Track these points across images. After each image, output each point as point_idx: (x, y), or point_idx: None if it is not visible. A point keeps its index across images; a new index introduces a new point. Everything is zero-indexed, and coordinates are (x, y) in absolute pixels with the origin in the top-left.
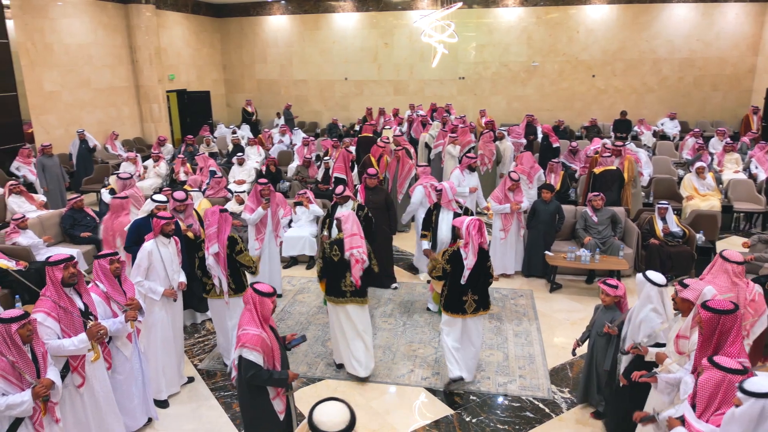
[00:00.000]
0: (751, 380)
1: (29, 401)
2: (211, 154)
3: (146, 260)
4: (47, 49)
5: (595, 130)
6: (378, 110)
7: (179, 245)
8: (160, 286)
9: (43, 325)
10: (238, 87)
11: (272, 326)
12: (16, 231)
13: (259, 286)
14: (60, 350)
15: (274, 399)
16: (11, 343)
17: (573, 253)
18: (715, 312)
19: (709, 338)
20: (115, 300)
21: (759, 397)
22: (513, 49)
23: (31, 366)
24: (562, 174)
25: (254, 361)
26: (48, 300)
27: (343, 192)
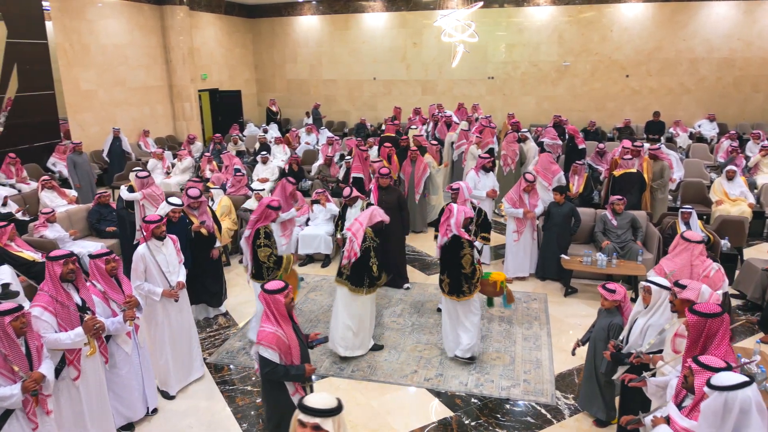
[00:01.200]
0: (716, 375)
1: (18, 395)
2: (239, 153)
3: (141, 263)
4: (84, 50)
5: (628, 132)
6: (413, 110)
7: (177, 243)
8: (159, 287)
9: (40, 319)
10: (269, 86)
11: (294, 321)
12: (44, 225)
13: (268, 285)
14: (56, 344)
15: (294, 395)
16: (4, 336)
17: (589, 257)
18: (702, 315)
19: (695, 341)
20: (113, 299)
21: (721, 390)
22: (543, 48)
23: (23, 359)
24: (585, 176)
25: (269, 358)
26: (45, 294)
27: (350, 194)
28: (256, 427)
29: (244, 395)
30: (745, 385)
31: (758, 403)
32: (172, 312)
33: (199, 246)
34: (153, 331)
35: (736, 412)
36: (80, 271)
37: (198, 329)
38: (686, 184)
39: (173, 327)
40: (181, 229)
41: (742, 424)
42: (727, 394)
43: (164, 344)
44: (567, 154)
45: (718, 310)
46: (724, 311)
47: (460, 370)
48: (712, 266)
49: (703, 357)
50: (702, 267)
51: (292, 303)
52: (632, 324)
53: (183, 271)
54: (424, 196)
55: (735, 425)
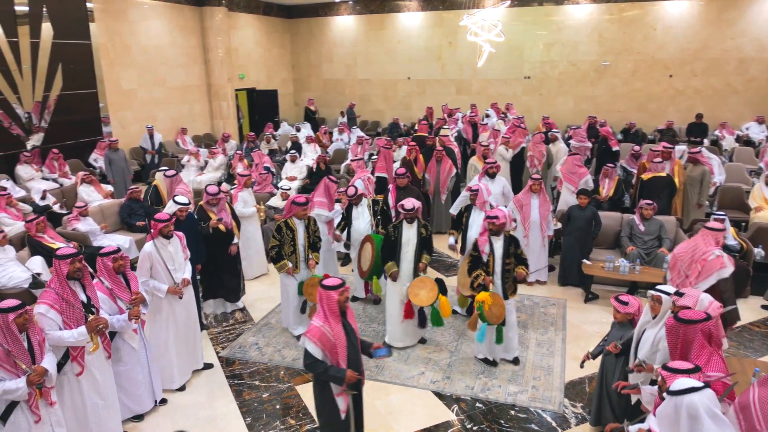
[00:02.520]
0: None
1: (24, 388)
2: (271, 151)
3: (147, 261)
4: (126, 50)
5: (670, 134)
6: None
7: (183, 240)
8: (164, 284)
9: (46, 316)
10: (305, 86)
11: (349, 323)
12: (77, 218)
13: (325, 281)
14: (60, 341)
15: (338, 396)
16: (7, 332)
17: (611, 262)
18: (678, 321)
19: (673, 347)
20: (120, 297)
21: (671, 395)
22: (582, 47)
23: (26, 354)
24: (617, 179)
25: (311, 352)
26: (52, 292)
27: (355, 194)
28: (259, 421)
29: (252, 389)
30: (693, 390)
31: (708, 409)
32: (177, 308)
33: (217, 242)
34: (157, 327)
35: (684, 417)
36: (87, 269)
37: (214, 323)
38: (724, 189)
39: (178, 323)
40: (189, 226)
41: (694, 429)
42: (676, 398)
43: (168, 340)
44: (599, 156)
45: (700, 317)
46: (705, 319)
47: (468, 373)
48: (713, 252)
49: (673, 362)
50: (704, 251)
51: (346, 302)
52: (640, 336)
53: (189, 268)
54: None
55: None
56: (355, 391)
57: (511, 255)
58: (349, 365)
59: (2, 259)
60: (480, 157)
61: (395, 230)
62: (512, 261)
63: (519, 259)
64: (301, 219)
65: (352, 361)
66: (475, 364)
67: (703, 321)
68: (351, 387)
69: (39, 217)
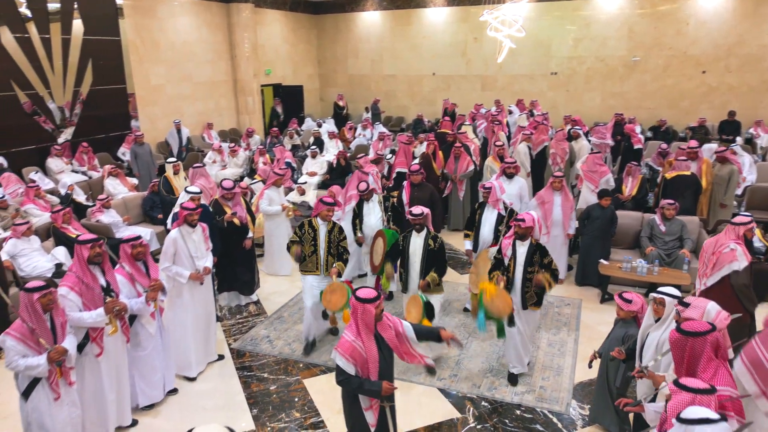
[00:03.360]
0: (688, 408)
1: (45, 364)
2: (294, 147)
3: (171, 247)
4: (155, 46)
5: (702, 132)
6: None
7: (206, 231)
8: (186, 270)
9: (66, 298)
10: (331, 82)
11: (380, 334)
12: (100, 210)
13: (360, 292)
14: (80, 322)
15: (367, 410)
16: (32, 311)
17: (629, 263)
18: (683, 334)
19: (679, 361)
20: (139, 281)
21: (681, 422)
22: (611, 42)
23: (48, 333)
24: (640, 178)
25: (343, 368)
26: (73, 276)
27: (366, 189)
28: (265, 413)
29: (260, 382)
30: (707, 422)
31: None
32: (197, 296)
33: (232, 236)
34: (177, 314)
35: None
36: (107, 255)
37: (228, 316)
38: (753, 189)
39: (197, 311)
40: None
41: None
42: (686, 427)
43: (186, 327)
44: (623, 154)
45: (705, 328)
46: (711, 330)
47: (476, 371)
48: (728, 245)
49: (685, 379)
50: (722, 243)
51: (381, 314)
52: (644, 339)
53: (210, 258)
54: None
55: None
56: (392, 403)
57: (534, 263)
58: (380, 378)
59: (27, 248)
60: (496, 158)
61: (404, 239)
62: (536, 270)
63: (547, 269)
64: (325, 220)
65: (384, 373)
66: (483, 362)
67: (709, 332)
68: (386, 399)
69: (65, 209)
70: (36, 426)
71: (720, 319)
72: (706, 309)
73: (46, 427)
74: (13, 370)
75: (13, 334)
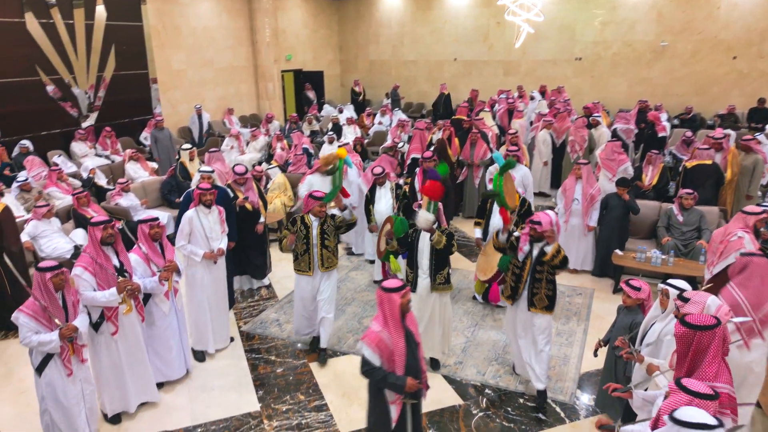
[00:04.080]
0: (683, 408)
1: (56, 341)
2: (313, 132)
3: (187, 226)
4: (176, 32)
5: (731, 119)
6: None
7: (223, 215)
8: (201, 249)
9: (81, 278)
10: (352, 67)
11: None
12: (119, 193)
13: (385, 283)
14: (93, 301)
15: (392, 403)
16: (45, 289)
17: (643, 253)
18: (690, 327)
19: (683, 356)
20: (154, 261)
21: (675, 423)
22: (639, 27)
23: (60, 311)
24: (661, 167)
25: (369, 358)
26: (87, 256)
27: (381, 173)
28: (270, 395)
29: (267, 364)
30: (704, 428)
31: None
32: (212, 275)
33: (244, 220)
34: (192, 292)
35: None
36: (119, 236)
37: (240, 299)
38: None
39: (208, 292)
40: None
41: None
42: (679, 429)
43: (203, 304)
44: (646, 142)
45: (712, 322)
46: (717, 324)
47: (481, 359)
48: (737, 233)
49: (687, 380)
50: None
51: (408, 305)
52: (647, 329)
53: (225, 240)
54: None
55: None
56: (415, 400)
57: (544, 264)
58: (407, 373)
59: (48, 230)
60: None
61: (414, 233)
62: (545, 269)
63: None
64: (318, 216)
65: (410, 369)
66: (489, 350)
67: (717, 326)
68: (409, 396)
69: (84, 192)
70: (50, 400)
71: (720, 314)
72: (706, 304)
73: (59, 401)
74: (27, 345)
75: (26, 312)
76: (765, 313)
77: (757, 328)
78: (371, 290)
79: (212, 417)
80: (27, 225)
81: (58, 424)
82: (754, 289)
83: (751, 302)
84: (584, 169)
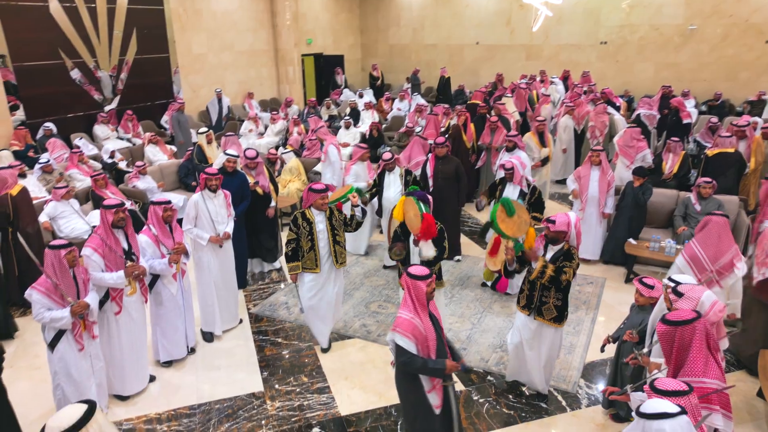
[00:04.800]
0: (648, 401)
1: (68, 317)
2: (331, 117)
3: (193, 209)
4: (197, 15)
5: (761, 106)
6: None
7: (229, 198)
8: (207, 233)
9: (90, 258)
10: (372, 51)
11: (433, 314)
12: (137, 176)
13: (411, 269)
14: (101, 281)
15: (430, 392)
16: (58, 267)
17: (657, 242)
18: (670, 324)
19: (668, 353)
20: (164, 243)
21: (640, 417)
22: (666, 10)
23: (72, 289)
24: (682, 154)
25: (405, 347)
26: (97, 238)
27: (391, 159)
28: (275, 376)
29: (273, 346)
30: (665, 417)
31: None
32: (219, 258)
33: (255, 204)
34: (200, 274)
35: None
36: (130, 219)
37: (251, 282)
38: None
39: (214, 274)
40: (239, 183)
41: None
42: (645, 422)
43: (210, 286)
44: (669, 129)
45: (691, 316)
46: (697, 317)
47: (485, 346)
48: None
49: (660, 381)
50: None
51: (432, 293)
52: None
53: (231, 224)
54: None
55: None
56: (452, 381)
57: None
58: (438, 356)
59: (66, 211)
60: (534, 133)
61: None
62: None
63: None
64: (321, 210)
65: (440, 353)
66: (494, 337)
67: (696, 320)
68: (449, 378)
69: (101, 174)
70: (62, 375)
71: (715, 310)
72: (700, 300)
73: (71, 376)
74: (40, 321)
75: (39, 289)
76: (721, 265)
77: (716, 279)
78: (379, 275)
79: (217, 396)
80: (46, 206)
81: (70, 399)
82: (712, 245)
83: (709, 256)
84: (602, 156)
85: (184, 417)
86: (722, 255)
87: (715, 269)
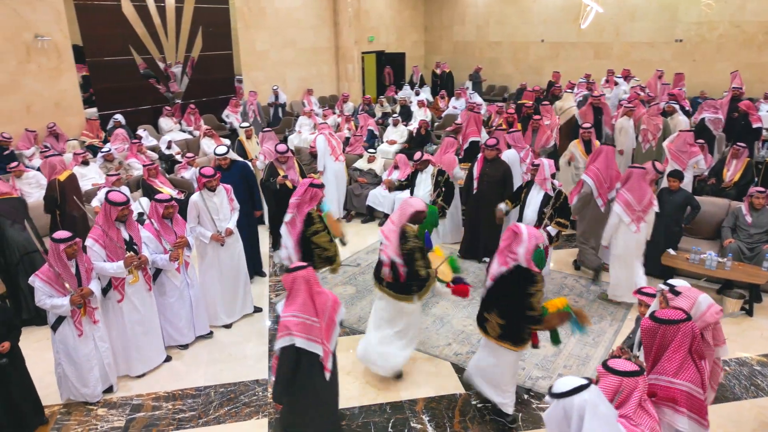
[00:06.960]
0: (557, 381)
1: (66, 305)
2: (385, 114)
3: (194, 209)
4: (261, 13)
5: None
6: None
7: (230, 192)
8: (209, 231)
9: (92, 249)
10: (436, 49)
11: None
12: (185, 167)
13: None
14: (103, 271)
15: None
16: (58, 258)
17: (697, 254)
18: (656, 321)
19: (648, 350)
20: (165, 238)
21: (558, 398)
22: (750, 5)
23: (73, 278)
24: (746, 162)
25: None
26: (99, 229)
27: (421, 158)
28: None
29: None
30: (581, 389)
31: (594, 406)
32: (222, 254)
33: (285, 197)
34: (204, 269)
35: (576, 419)
36: (132, 213)
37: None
38: None
39: (223, 267)
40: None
41: (579, 429)
42: (564, 401)
43: (214, 281)
44: (738, 134)
45: (680, 316)
46: (686, 319)
47: None
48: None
49: (613, 361)
50: None
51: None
52: None
53: (234, 219)
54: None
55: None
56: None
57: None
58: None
59: None
60: (580, 141)
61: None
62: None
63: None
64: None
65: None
66: None
67: (683, 321)
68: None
69: (153, 164)
70: (63, 355)
71: (711, 312)
72: (697, 300)
73: (71, 357)
74: (42, 307)
75: (41, 276)
76: (644, 204)
77: (641, 216)
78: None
79: (222, 380)
80: (99, 191)
81: (69, 377)
82: (636, 190)
83: (636, 198)
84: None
85: (189, 398)
86: (643, 197)
87: (641, 208)
